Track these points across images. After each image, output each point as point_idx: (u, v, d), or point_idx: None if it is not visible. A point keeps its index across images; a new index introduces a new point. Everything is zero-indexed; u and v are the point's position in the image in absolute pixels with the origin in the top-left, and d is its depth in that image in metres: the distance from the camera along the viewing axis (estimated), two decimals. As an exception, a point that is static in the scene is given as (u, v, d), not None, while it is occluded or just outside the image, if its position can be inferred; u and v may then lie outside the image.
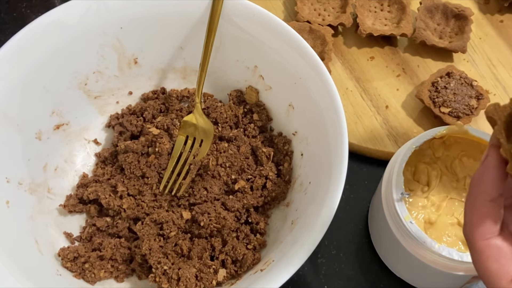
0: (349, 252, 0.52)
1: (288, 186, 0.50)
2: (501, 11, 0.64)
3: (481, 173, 0.29)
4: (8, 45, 0.46)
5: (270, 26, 0.49)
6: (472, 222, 0.29)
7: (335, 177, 0.41)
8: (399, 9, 0.62)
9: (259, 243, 0.47)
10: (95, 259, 0.47)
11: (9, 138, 0.46)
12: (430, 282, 0.46)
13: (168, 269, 0.44)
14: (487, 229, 0.28)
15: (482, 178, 0.28)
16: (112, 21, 0.50)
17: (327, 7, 0.62)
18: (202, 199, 0.48)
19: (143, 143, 0.51)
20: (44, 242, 0.47)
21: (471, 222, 0.29)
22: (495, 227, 0.28)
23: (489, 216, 0.28)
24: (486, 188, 0.28)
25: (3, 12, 0.65)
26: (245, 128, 0.53)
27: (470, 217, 0.29)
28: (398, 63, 0.60)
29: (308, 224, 0.41)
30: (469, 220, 0.29)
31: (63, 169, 0.52)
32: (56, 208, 0.50)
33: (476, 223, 0.29)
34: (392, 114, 0.57)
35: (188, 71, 0.56)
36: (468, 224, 0.29)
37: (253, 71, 0.53)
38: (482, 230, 0.28)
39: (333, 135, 0.44)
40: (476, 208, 0.29)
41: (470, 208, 0.29)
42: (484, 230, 0.28)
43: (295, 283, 0.49)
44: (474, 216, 0.29)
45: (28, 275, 0.41)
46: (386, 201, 0.43)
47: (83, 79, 0.52)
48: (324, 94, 0.45)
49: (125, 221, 0.48)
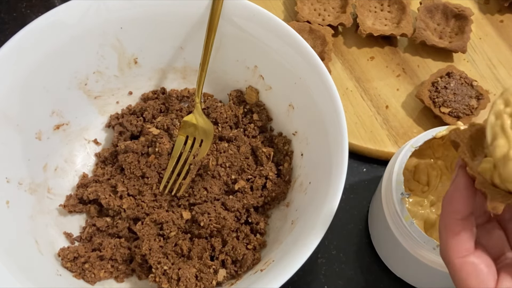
0: (349, 252, 0.52)
1: (288, 186, 0.50)
2: (501, 11, 0.64)
3: (451, 193, 0.29)
4: (8, 45, 0.46)
5: (270, 26, 0.49)
6: (446, 241, 0.30)
7: (335, 177, 0.41)
8: (399, 9, 0.62)
9: (259, 243, 0.47)
10: (95, 259, 0.47)
11: (9, 138, 0.46)
12: (430, 282, 0.46)
13: (168, 269, 0.44)
14: (461, 247, 0.29)
15: (453, 198, 0.29)
16: (112, 21, 0.50)
17: (327, 7, 0.62)
18: (202, 199, 0.48)
19: (143, 143, 0.51)
20: (44, 242, 0.47)
21: (446, 241, 0.30)
22: (469, 244, 0.29)
23: (462, 234, 0.29)
24: (457, 207, 0.29)
25: (3, 12, 0.65)
26: (245, 128, 0.53)
27: (444, 236, 0.30)
28: (398, 63, 0.60)
29: (308, 224, 0.41)
30: (444, 240, 0.30)
31: (63, 169, 0.52)
32: (56, 208, 0.50)
33: (450, 242, 0.29)
34: (392, 114, 0.57)
35: (188, 71, 0.56)
36: (443, 244, 0.30)
37: (253, 71, 0.53)
38: (457, 249, 0.29)
39: (333, 135, 0.44)
40: (449, 227, 0.29)
41: (444, 228, 0.30)
42: (459, 248, 0.29)
43: (295, 283, 0.49)
44: (448, 235, 0.30)
45: (28, 275, 0.41)
46: (386, 201, 0.43)
47: (83, 79, 0.52)
48: (324, 94, 0.45)
49: (125, 221, 0.48)
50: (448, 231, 0.30)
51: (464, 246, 0.29)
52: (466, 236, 0.29)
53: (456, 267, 0.29)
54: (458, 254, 0.29)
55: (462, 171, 0.29)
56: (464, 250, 0.29)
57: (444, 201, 0.30)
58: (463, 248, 0.29)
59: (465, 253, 0.29)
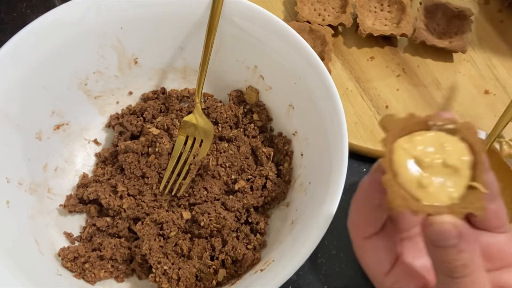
0: (349, 252, 0.52)
1: (288, 186, 0.50)
2: (501, 11, 0.64)
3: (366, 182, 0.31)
4: (8, 45, 0.46)
5: (270, 26, 0.49)
6: (352, 221, 0.33)
7: (335, 177, 0.41)
8: (399, 9, 0.62)
9: (259, 243, 0.47)
10: (95, 259, 0.47)
11: (9, 138, 0.46)
12: (430, 282, 0.46)
13: (168, 269, 0.44)
14: (365, 228, 0.32)
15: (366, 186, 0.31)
16: (112, 21, 0.50)
17: (327, 7, 0.62)
18: (202, 199, 0.48)
19: (143, 143, 0.51)
20: (44, 242, 0.47)
21: (352, 221, 0.33)
22: (373, 228, 0.32)
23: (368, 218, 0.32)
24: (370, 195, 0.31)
25: (3, 12, 0.65)
26: (245, 128, 0.53)
27: (352, 216, 0.33)
28: (398, 63, 0.60)
29: (308, 224, 0.41)
30: (351, 219, 0.33)
31: (63, 169, 0.52)
32: (56, 208, 0.50)
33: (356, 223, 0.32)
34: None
35: (188, 71, 0.56)
36: (350, 222, 0.33)
37: (253, 71, 0.53)
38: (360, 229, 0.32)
39: (333, 135, 0.44)
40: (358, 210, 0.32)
41: (352, 208, 0.32)
42: (362, 229, 0.32)
43: (295, 283, 0.49)
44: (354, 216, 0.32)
45: (28, 275, 0.41)
46: (386, 201, 0.43)
47: (83, 79, 0.52)
48: (324, 94, 0.45)
49: (125, 221, 0.48)
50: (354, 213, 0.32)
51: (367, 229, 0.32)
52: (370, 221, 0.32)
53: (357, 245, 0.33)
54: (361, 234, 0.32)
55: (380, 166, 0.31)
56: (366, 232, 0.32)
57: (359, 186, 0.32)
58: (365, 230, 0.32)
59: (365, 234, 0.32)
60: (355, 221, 0.32)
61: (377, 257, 0.32)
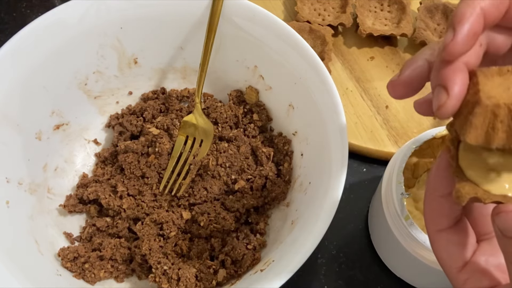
0: (349, 252, 0.52)
1: (288, 186, 0.50)
2: (501, 11, 0.64)
3: (433, 172, 0.31)
4: (8, 45, 0.46)
5: (270, 26, 0.49)
6: (426, 213, 0.31)
7: (335, 177, 0.41)
8: (399, 9, 0.62)
9: (259, 243, 0.47)
10: (95, 259, 0.47)
11: (9, 138, 0.46)
12: (430, 282, 0.46)
13: (168, 269, 0.44)
14: (437, 221, 0.31)
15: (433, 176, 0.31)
16: (112, 21, 0.50)
17: (327, 7, 0.62)
18: (202, 199, 0.48)
19: (143, 143, 0.51)
20: (44, 242, 0.47)
21: (425, 213, 0.31)
22: (446, 220, 0.31)
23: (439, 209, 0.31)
24: (435, 185, 0.30)
25: (3, 12, 0.65)
26: (245, 128, 0.53)
27: (424, 208, 0.32)
28: (398, 63, 0.60)
29: (308, 224, 0.41)
30: (424, 211, 0.32)
31: (63, 169, 0.52)
32: (56, 208, 0.50)
33: (428, 214, 0.31)
34: (392, 114, 0.57)
35: (188, 71, 0.56)
36: (424, 215, 0.32)
37: (253, 71, 0.53)
38: (433, 222, 0.31)
39: (333, 135, 0.44)
40: (429, 202, 0.31)
41: (425, 201, 0.31)
42: (435, 221, 0.31)
43: (295, 283, 0.49)
44: (426, 208, 0.31)
45: (28, 275, 0.41)
46: (386, 201, 0.43)
47: (83, 79, 0.52)
48: (324, 94, 0.45)
49: (125, 221, 0.48)
50: (427, 206, 0.31)
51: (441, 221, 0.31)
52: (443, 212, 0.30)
53: (431, 239, 0.31)
54: (434, 227, 0.31)
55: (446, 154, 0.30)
56: (440, 225, 0.31)
57: (428, 178, 0.31)
58: (439, 223, 0.31)
59: (440, 227, 0.31)
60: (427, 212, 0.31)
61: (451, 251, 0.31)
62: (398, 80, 0.31)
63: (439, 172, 0.30)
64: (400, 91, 0.31)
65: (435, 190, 0.30)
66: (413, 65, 0.30)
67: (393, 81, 0.31)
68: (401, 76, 0.31)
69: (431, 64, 0.30)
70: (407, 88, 0.31)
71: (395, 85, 0.31)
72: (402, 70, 0.31)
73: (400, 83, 0.31)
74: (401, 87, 0.31)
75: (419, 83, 0.31)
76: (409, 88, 0.31)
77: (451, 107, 0.26)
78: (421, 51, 0.31)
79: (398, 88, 0.31)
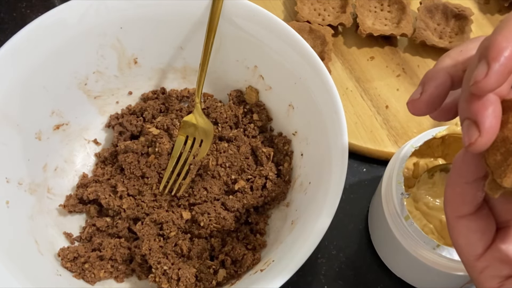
0: (349, 252, 0.52)
1: (288, 186, 0.50)
2: (501, 11, 0.64)
3: (461, 156, 0.29)
4: (8, 45, 0.46)
5: (270, 26, 0.49)
6: (447, 198, 0.30)
7: (335, 177, 0.41)
8: (399, 9, 0.62)
9: (259, 243, 0.47)
10: (95, 259, 0.47)
11: (9, 138, 0.46)
12: (430, 282, 0.46)
13: (168, 269, 0.44)
14: (458, 207, 0.30)
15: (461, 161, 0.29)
16: (112, 21, 0.50)
17: (327, 7, 0.62)
18: (202, 199, 0.48)
19: (143, 143, 0.51)
20: (44, 242, 0.47)
21: (446, 198, 0.30)
22: (467, 207, 0.29)
23: (462, 195, 0.29)
24: (462, 170, 0.29)
25: (3, 12, 0.65)
26: (245, 128, 0.53)
27: (446, 193, 0.30)
28: (398, 63, 0.60)
29: (308, 224, 0.41)
30: (446, 196, 0.30)
31: (63, 169, 0.52)
32: (56, 208, 0.50)
33: (450, 200, 0.30)
34: (392, 114, 0.57)
35: (188, 71, 0.56)
36: (445, 200, 0.30)
37: (253, 71, 0.53)
38: (454, 207, 0.30)
39: (333, 135, 0.44)
40: (452, 187, 0.30)
41: (448, 186, 0.30)
42: (456, 207, 0.30)
43: (295, 283, 0.49)
44: (448, 193, 0.30)
45: (28, 275, 0.41)
46: (386, 201, 0.43)
47: (83, 79, 0.52)
48: (324, 94, 0.45)
49: (125, 221, 0.48)
50: (449, 190, 0.30)
51: (462, 207, 0.30)
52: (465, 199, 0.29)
53: (450, 224, 0.30)
54: (454, 213, 0.30)
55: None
56: (460, 211, 0.30)
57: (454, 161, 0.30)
58: (459, 209, 0.30)
59: (460, 213, 0.30)
60: (449, 198, 0.30)
61: (470, 238, 0.30)
62: (421, 100, 0.30)
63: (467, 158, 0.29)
64: (422, 110, 0.31)
65: (460, 176, 0.29)
66: (434, 81, 0.30)
67: (415, 100, 0.30)
68: (424, 96, 0.30)
69: (454, 78, 0.29)
70: (430, 108, 0.30)
71: (417, 104, 0.30)
72: (424, 88, 0.30)
73: (423, 103, 0.30)
74: (424, 107, 0.30)
75: (441, 100, 0.30)
76: (431, 107, 0.30)
77: (483, 145, 0.25)
78: (441, 60, 0.30)
79: (420, 107, 0.30)
